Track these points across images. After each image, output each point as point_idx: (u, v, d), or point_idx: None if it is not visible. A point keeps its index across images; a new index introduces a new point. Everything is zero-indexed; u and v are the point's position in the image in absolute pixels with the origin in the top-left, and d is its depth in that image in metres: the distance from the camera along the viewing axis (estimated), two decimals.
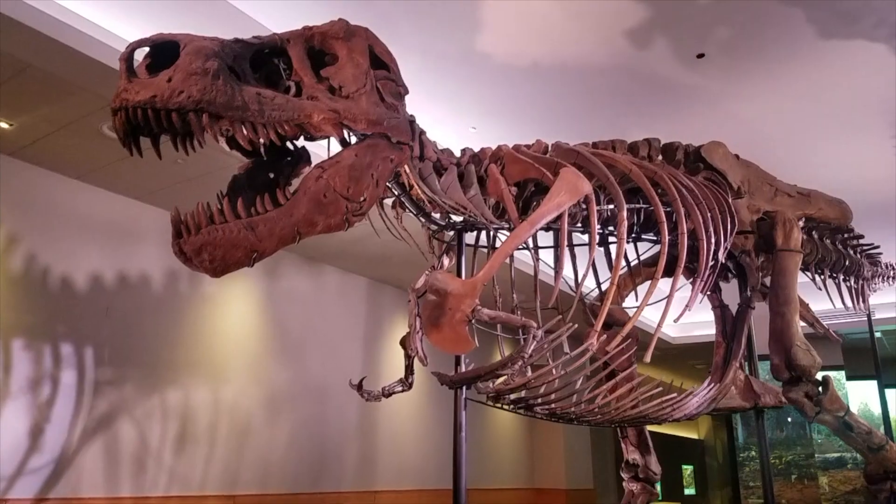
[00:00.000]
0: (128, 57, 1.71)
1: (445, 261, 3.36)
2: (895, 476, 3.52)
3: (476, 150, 3.20)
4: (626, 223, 2.89)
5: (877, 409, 10.91)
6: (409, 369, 3.27)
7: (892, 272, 5.15)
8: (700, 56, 4.74)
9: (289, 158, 2.41)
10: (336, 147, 2.31)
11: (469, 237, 3.35)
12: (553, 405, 2.95)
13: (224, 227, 1.86)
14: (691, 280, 3.26)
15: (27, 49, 3.60)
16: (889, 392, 9.71)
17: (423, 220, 3.10)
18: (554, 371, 2.87)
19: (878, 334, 9.56)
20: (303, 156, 2.41)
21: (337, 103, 2.14)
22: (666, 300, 3.02)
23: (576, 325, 2.80)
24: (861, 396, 11.08)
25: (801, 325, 3.67)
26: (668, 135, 3.94)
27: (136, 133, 1.78)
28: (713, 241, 3.18)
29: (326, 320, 7.39)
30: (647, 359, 3.01)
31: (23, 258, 4.79)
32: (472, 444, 9.46)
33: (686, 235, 3.02)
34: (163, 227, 5.60)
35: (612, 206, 3.12)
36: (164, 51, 1.79)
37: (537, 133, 5.72)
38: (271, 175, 2.38)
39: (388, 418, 7.93)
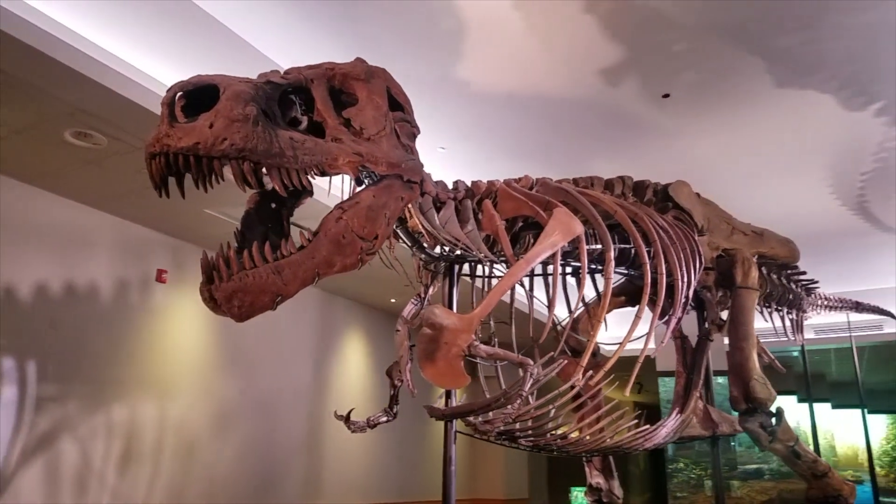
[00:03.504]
0: (170, 101, 1.66)
1: (431, 290, 3.39)
2: (833, 501, 3.80)
3: (468, 183, 3.25)
4: (612, 263, 3.01)
5: (800, 424, 11.66)
6: (393, 399, 3.28)
7: (821, 302, 5.54)
8: (665, 96, 4.97)
9: (291, 189, 2.40)
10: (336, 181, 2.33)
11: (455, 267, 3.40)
12: (538, 438, 3.03)
13: (254, 272, 1.84)
14: (663, 316, 3.43)
15: None
16: (799, 407, 10.33)
17: (415, 251, 3.12)
18: (535, 407, 2.94)
19: (794, 354, 10.21)
20: (306, 187, 2.40)
21: (360, 146, 2.15)
22: (646, 336, 3.15)
23: (565, 362, 2.89)
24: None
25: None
26: (627, 167, 4.12)
27: (168, 176, 1.73)
28: (686, 279, 3.36)
29: (278, 332, 7.25)
30: (627, 392, 3.16)
31: None
32: (414, 456, 9.50)
33: (665, 276, 3.18)
34: (116, 235, 5.44)
35: (598, 246, 3.23)
36: (199, 93, 1.75)
37: (504, 158, 5.87)
38: (273, 205, 2.36)
39: (334, 432, 7.86)
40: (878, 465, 10.09)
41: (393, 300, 8.69)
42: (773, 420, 3.69)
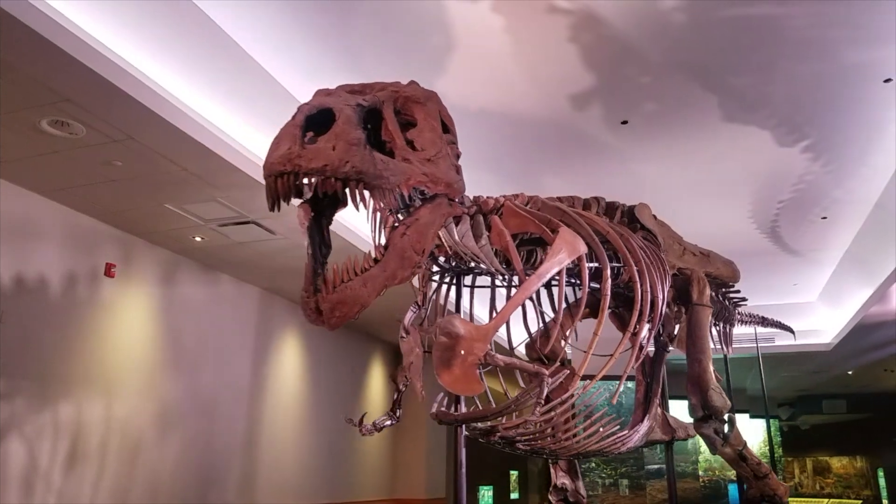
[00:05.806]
0: (302, 123, 1.73)
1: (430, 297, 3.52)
2: (769, 499, 4.27)
3: (471, 197, 3.42)
4: (609, 281, 3.28)
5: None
6: (397, 403, 3.39)
7: (742, 317, 6.14)
8: (624, 123, 5.36)
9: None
10: None
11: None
12: (535, 442, 3.25)
13: (349, 284, 1.94)
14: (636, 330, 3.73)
15: None
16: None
17: (426, 260, 3.25)
18: (538, 414, 3.15)
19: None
20: (340, 199, 2.50)
21: (425, 167, 2.28)
22: (631, 350, 3.45)
23: (568, 372, 3.13)
24: (677, 414, 12.65)
25: None
26: (576, 183, 4.34)
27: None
28: (661, 296, 3.69)
29: (219, 331, 7.08)
30: (614, 401, 3.44)
31: None
32: (345, 458, 9.49)
33: (649, 293, 3.49)
34: (68, 227, 5.17)
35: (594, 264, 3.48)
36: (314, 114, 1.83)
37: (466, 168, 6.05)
38: (312, 213, 2.44)
39: (270, 432, 7.76)
40: None
41: None
42: (726, 427, 4.11)
